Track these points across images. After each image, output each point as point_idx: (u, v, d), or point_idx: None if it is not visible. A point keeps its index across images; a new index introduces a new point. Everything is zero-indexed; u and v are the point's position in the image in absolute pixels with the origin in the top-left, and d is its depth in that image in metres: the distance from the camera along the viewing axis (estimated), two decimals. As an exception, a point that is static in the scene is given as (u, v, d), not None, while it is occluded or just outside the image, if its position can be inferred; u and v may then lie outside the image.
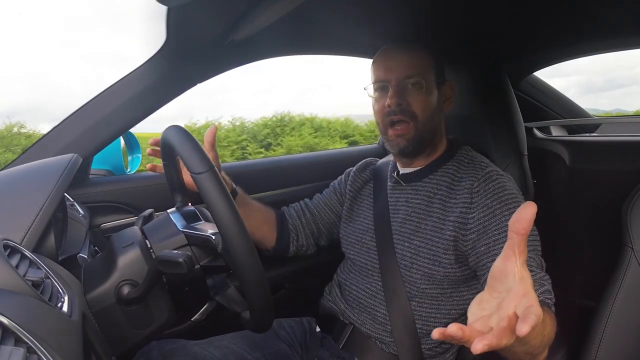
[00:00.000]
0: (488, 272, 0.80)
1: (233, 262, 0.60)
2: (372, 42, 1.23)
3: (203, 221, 0.74)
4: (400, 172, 1.00)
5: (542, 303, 0.74)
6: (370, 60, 0.97)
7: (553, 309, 0.75)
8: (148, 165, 0.98)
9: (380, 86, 0.92)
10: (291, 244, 1.10)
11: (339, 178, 1.16)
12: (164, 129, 0.70)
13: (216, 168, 0.60)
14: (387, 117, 0.91)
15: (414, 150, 0.93)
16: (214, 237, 0.66)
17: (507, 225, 0.80)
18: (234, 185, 1.00)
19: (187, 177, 0.89)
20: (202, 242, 0.68)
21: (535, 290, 0.74)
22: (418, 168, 0.97)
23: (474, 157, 0.95)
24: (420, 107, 0.89)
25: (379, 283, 0.94)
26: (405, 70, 0.89)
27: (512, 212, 0.82)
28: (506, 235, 0.80)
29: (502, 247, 0.79)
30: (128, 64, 1.03)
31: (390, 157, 1.11)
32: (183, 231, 0.70)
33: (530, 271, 0.76)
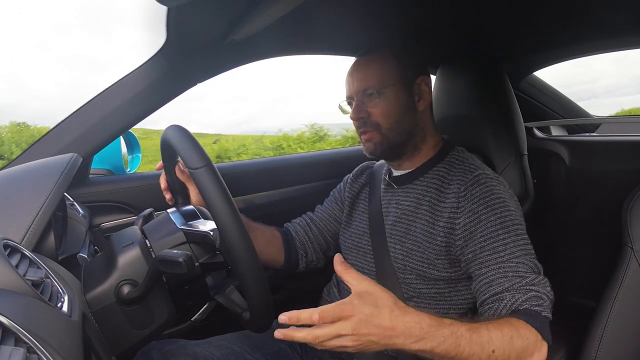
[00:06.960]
0: (477, 279, 0.80)
1: (231, 257, 0.60)
2: (372, 42, 1.23)
3: (202, 219, 0.74)
4: (393, 175, 1.00)
5: (526, 312, 0.72)
6: None
7: (545, 314, 0.73)
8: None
9: (349, 102, 0.97)
10: (300, 261, 1.10)
11: (337, 186, 1.15)
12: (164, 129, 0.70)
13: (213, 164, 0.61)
14: (357, 130, 0.96)
15: (383, 153, 0.94)
16: (212, 233, 0.66)
17: (493, 231, 0.80)
18: None
19: (185, 177, 0.90)
20: (200, 239, 0.69)
21: (517, 299, 0.73)
22: (409, 170, 0.96)
23: (465, 159, 0.93)
24: (382, 116, 0.91)
25: None
26: (363, 84, 0.91)
27: (499, 217, 0.82)
28: (492, 242, 0.80)
29: (488, 254, 0.80)
30: (127, 66, 1.03)
31: None
32: (182, 229, 0.70)
33: (519, 277, 0.76)
